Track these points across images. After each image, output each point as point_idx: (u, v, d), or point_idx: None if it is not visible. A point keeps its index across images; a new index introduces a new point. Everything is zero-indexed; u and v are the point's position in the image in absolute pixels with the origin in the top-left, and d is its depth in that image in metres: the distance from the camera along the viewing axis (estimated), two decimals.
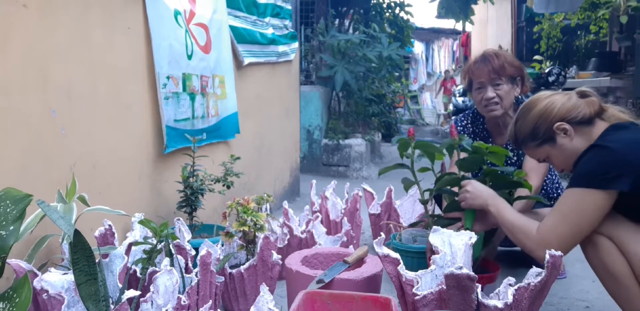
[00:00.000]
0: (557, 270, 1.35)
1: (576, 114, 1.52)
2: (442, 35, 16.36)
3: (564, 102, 1.54)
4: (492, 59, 2.17)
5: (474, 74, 2.21)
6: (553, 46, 8.47)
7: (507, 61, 2.16)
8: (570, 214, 1.42)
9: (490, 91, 2.16)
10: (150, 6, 2.00)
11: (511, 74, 2.16)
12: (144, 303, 1.32)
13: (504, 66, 2.15)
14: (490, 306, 1.32)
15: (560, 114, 1.53)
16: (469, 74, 2.24)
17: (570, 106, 1.53)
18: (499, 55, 2.18)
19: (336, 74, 5.11)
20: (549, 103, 1.56)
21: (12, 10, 1.40)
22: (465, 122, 2.37)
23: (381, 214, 2.61)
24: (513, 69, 2.16)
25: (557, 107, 1.54)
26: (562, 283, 2.15)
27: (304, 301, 1.35)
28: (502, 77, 2.15)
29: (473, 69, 2.21)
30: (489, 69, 2.15)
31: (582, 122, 1.52)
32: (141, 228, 1.70)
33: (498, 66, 2.14)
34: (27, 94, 1.45)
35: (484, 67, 2.17)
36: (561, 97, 1.56)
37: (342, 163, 5.25)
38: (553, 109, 1.54)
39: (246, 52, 2.89)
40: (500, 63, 2.15)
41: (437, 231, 1.57)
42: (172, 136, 2.12)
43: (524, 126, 1.59)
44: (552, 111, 1.54)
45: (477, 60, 2.22)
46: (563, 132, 1.53)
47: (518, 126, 1.61)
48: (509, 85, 2.16)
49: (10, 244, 1.08)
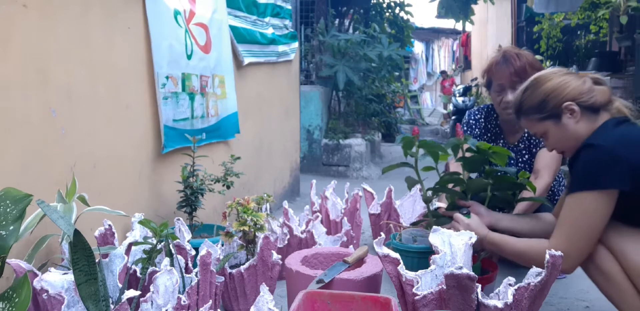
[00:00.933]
0: (557, 270, 1.35)
1: (588, 98, 1.51)
2: (442, 35, 16.37)
3: (579, 84, 1.53)
4: (513, 61, 2.10)
5: (494, 75, 2.16)
6: (553, 46, 8.47)
7: (528, 62, 2.10)
8: (579, 222, 1.41)
9: (510, 94, 2.11)
10: (150, 6, 2.00)
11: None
12: (144, 303, 1.32)
13: (526, 68, 2.08)
14: (490, 306, 1.32)
15: (572, 94, 1.51)
16: (489, 74, 2.19)
17: (584, 90, 1.52)
18: (520, 56, 2.12)
19: (337, 73, 5.11)
20: (563, 81, 1.54)
21: (12, 10, 1.40)
22: (478, 116, 2.35)
23: (381, 214, 2.61)
24: (534, 71, 2.07)
25: (571, 87, 1.52)
26: (562, 283, 2.15)
27: (304, 301, 1.35)
28: (522, 80, 2.10)
29: (494, 70, 2.16)
30: (510, 72, 2.10)
31: (590, 109, 1.51)
32: (141, 228, 1.70)
33: (520, 68, 2.09)
34: (27, 94, 1.45)
35: (506, 69, 2.11)
36: (575, 78, 1.55)
37: (342, 162, 5.25)
38: (567, 87, 1.52)
39: (246, 52, 2.89)
40: (522, 65, 2.09)
41: (437, 231, 1.57)
42: (171, 136, 2.11)
43: (532, 97, 1.57)
44: (566, 89, 1.52)
45: (498, 61, 2.15)
46: (570, 113, 1.51)
47: (526, 95, 1.59)
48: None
49: (10, 244, 1.08)
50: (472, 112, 2.39)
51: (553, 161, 2.09)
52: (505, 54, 2.15)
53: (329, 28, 5.72)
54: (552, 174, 2.05)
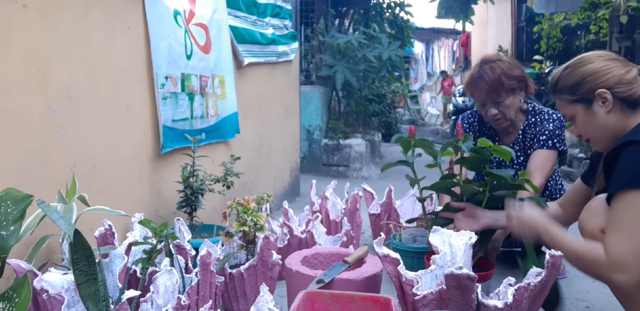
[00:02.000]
0: (557, 270, 1.35)
1: (626, 89, 1.41)
2: (442, 35, 16.38)
3: (622, 73, 1.43)
4: (487, 76, 2.09)
5: (472, 94, 2.18)
6: (553, 46, 8.47)
7: (504, 72, 2.08)
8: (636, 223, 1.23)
9: (493, 109, 2.13)
10: (150, 6, 2.00)
11: (510, 87, 2.10)
12: (144, 303, 1.32)
13: (501, 80, 2.08)
14: (490, 306, 1.32)
15: (611, 82, 1.42)
16: (469, 91, 2.20)
17: (624, 79, 1.42)
18: (494, 68, 2.09)
19: (336, 73, 5.11)
20: (605, 66, 1.45)
21: (12, 10, 1.40)
22: (472, 119, 2.36)
23: (381, 214, 2.61)
24: (511, 80, 2.09)
25: (611, 74, 1.43)
26: (562, 283, 2.14)
27: (304, 301, 1.35)
28: (501, 94, 2.10)
29: (471, 88, 2.17)
30: (485, 89, 2.10)
31: (627, 101, 1.41)
32: (141, 228, 1.70)
33: (495, 81, 2.08)
34: (27, 94, 1.45)
35: (481, 85, 2.11)
36: (621, 65, 1.45)
37: (342, 163, 5.25)
38: (607, 73, 1.43)
39: (246, 52, 2.89)
40: (496, 77, 2.08)
41: (437, 231, 1.57)
42: (170, 136, 2.11)
43: (569, 78, 1.49)
44: (605, 75, 1.43)
45: (474, 76, 2.15)
46: (602, 101, 1.43)
47: (564, 74, 1.51)
48: (509, 98, 2.12)
49: (11, 245, 1.08)
50: (465, 116, 2.39)
51: (546, 162, 2.08)
52: (480, 69, 2.14)
53: (329, 28, 5.73)
54: (544, 176, 2.04)
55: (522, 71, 2.16)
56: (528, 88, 2.18)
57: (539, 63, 7.92)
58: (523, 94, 2.18)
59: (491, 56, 2.19)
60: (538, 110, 2.22)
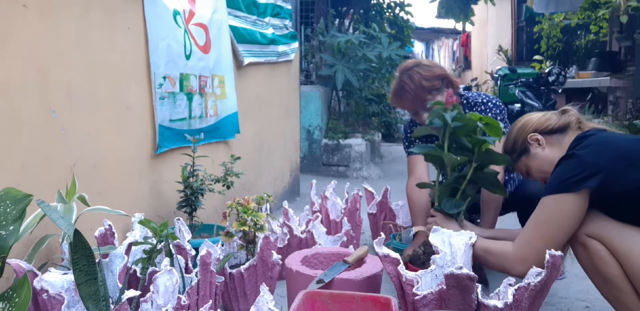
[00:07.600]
0: (557, 270, 1.35)
1: (547, 124, 1.61)
2: (442, 35, 16.38)
3: (540, 117, 1.65)
4: (407, 86, 2.09)
5: (401, 105, 2.19)
6: (553, 46, 8.48)
7: (422, 77, 2.08)
8: (545, 224, 1.42)
9: (425, 114, 2.09)
10: (149, 6, 2.00)
11: (433, 88, 2.08)
12: (144, 303, 1.32)
13: (422, 85, 2.07)
14: (490, 306, 1.32)
15: (534, 126, 1.63)
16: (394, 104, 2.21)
17: (544, 119, 1.63)
18: (412, 75, 2.09)
19: (337, 72, 5.11)
20: (527, 119, 1.67)
21: (12, 10, 1.40)
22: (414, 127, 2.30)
23: (377, 214, 2.61)
24: (432, 82, 2.08)
25: (532, 121, 1.65)
26: (562, 283, 2.15)
27: (304, 301, 1.35)
28: (425, 101, 2.08)
29: (396, 100, 2.16)
30: (410, 99, 2.10)
31: (554, 132, 1.60)
32: (141, 228, 1.70)
33: (416, 89, 2.07)
34: (27, 94, 1.45)
35: (405, 96, 2.11)
36: (541, 113, 1.68)
37: (342, 162, 5.25)
38: (529, 122, 1.65)
39: (246, 52, 2.89)
40: (416, 84, 2.07)
41: (437, 231, 1.57)
42: (167, 136, 2.11)
43: (507, 142, 1.70)
44: (528, 124, 1.65)
45: (395, 89, 2.15)
46: (537, 143, 1.61)
47: (504, 142, 1.72)
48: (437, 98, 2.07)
49: (10, 244, 1.08)
50: (406, 126, 2.37)
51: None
52: (400, 81, 2.13)
53: (329, 28, 5.72)
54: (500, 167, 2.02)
55: (441, 69, 2.15)
56: (453, 83, 2.15)
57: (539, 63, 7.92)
58: (450, 90, 2.09)
59: (408, 64, 2.18)
60: (473, 102, 2.19)
